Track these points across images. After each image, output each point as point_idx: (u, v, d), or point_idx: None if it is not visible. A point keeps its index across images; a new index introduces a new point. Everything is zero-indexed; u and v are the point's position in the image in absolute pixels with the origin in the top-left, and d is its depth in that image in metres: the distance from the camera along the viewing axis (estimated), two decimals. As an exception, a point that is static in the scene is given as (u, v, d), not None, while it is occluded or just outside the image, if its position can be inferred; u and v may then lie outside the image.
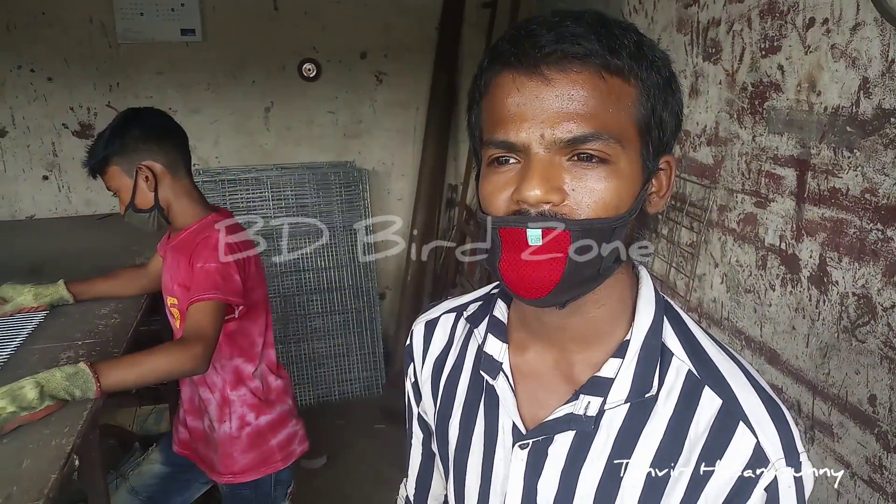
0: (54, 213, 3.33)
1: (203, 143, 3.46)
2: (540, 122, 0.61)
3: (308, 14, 3.39)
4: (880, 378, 1.37)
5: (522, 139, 0.62)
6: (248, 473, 1.81)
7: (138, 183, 1.70)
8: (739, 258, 1.79)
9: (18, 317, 1.86)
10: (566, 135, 0.60)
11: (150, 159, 1.70)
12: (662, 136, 0.66)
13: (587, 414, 0.70)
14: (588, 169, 0.62)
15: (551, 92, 0.61)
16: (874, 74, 1.33)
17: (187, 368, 1.50)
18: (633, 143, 0.63)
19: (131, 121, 1.72)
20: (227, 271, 1.63)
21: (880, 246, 1.34)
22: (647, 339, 0.70)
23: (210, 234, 1.67)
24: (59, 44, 3.13)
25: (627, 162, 0.63)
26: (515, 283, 0.64)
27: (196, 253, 1.65)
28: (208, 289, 1.58)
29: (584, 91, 0.60)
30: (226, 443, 1.79)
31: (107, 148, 1.68)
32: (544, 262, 0.62)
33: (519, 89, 0.62)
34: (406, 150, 3.76)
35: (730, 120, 1.80)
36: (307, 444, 1.96)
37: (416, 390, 0.93)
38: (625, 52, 0.61)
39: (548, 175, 0.61)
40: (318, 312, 3.58)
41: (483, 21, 3.55)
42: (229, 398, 1.79)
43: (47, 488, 1.16)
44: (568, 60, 0.60)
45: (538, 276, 0.63)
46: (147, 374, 1.47)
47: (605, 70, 0.61)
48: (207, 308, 1.57)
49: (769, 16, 1.62)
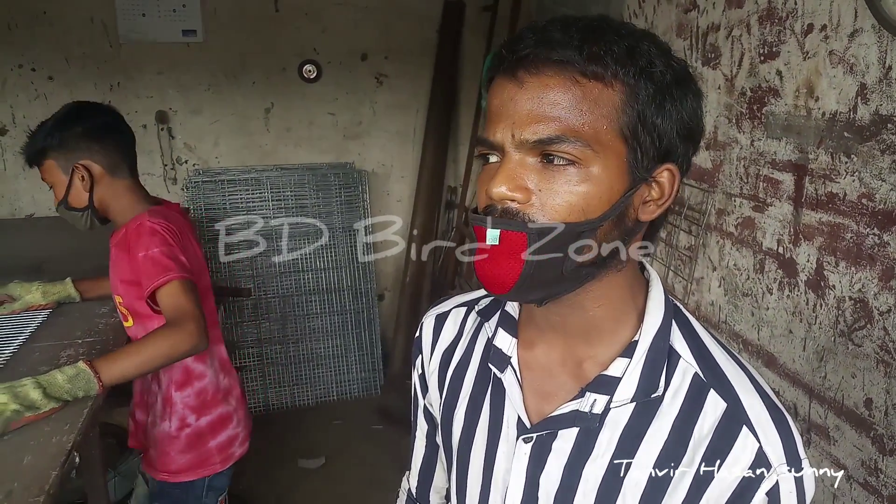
0: (54, 213, 3.32)
1: (203, 144, 3.47)
2: (512, 122, 0.63)
3: (309, 16, 3.41)
4: (876, 381, 1.38)
5: (498, 139, 0.64)
6: (183, 474, 1.76)
7: (73, 181, 1.64)
8: (737, 262, 1.81)
9: (23, 315, 1.88)
10: (532, 136, 0.62)
11: (88, 159, 1.63)
12: (659, 143, 0.65)
13: (593, 411, 0.71)
14: (556, 171, 0.63)
15: (524, 94, 0.63)
16: (872, 81, 1.34)
17: (186, 348, 1.48)
18: (611, 149, 0.63)
19: (75, 116, 1.65)
20: (172, 252, 1.56)
21: (877, 251, 1.35)
22: (655, 340, 0.71)
23: (142, 222, 1.60)
24: (60, 43, 3.14)
25: (602, 167, 0.63)
26: (481, 276, 0.67)
27: (133, 243, 1.59)
28: (162, 272, 1.53)
29: (553, 94, 0.62)
30: (164, 441, 1.75)
31: (45, 140, 1.62)
32: (503, 261, 0.64)
33: (500, 91, 0.65)
34: (406, 152, 3.77)
35: (728, 124, 1.81)
36: (247, 446, 1.89)
37: (422, 382, 0.93)
38: (610, 57, 0.62)
39: (514, 174, 0.63)
40: (317, 313, 3.59)
41: (483, 24, 3.56)
42: (172, 398, 1.74)
43: (48, 485, 1.17)
44: (542, 64, 0.62)
45: (498, 274, 0.65)
46: (147, 361, 1.46)
47: (580, 75, 0.62)
48: (174, 288, 1.52)
49: (768, 22, 1.63)
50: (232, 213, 3.40)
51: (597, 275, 0.68)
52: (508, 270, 0.64)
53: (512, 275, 0.64)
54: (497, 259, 0.65)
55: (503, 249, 0.64)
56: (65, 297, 1.96)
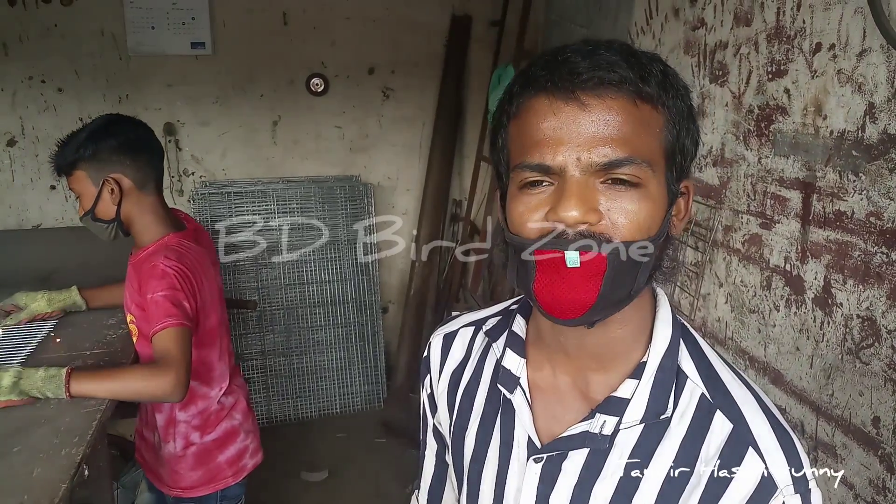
0: (60, 223, 3.35)
1: (210, 156, 3.48)
2: (576, 145, 0.62)
3: (317, 29, 3.43)
4: (884, 400, 1.38)
5: (559, 162, 0.63)
6: (196, 489, 1.78)
7: (102, 194, 1.65)
8: (744, 278, 1.81)
9: (29, 327, 1.88)
10: (602, 159, 0.62)
11: (119, 172, 1.65)
12: (684, 162, 0.68)
13: (602, 433, 0.71)
14: (621, 192, 0.63)
15: (587, 117, 0.62)
16: (880, 100, 1.35)
17: (158, 394, 1.48)
18: (660, 168, 0.65)
19: (109, 129, 1.67)
20: (176, 298, 1.57)
21: (885, 269, 1.36)
22: (663, 360, 0.72)
23: (156, 264, 1.60)
24: (70, 55, 3.17)
25: (656, 185, 0.65)
26: (550, 304, 0.66)
27: (144, 282, 1.60)
28: (162, 317, 1.54)
29: (618, 117, 0.62)
30: (172, 461, 1.76)
31: (78, 152, 1.62)
32: (580, 284, 0.63)
33: (555, 113, 0.63)
34: (412, 165, 3.79)
35: (736, 141, 1.82)
36: (260, 456, 1.91)
37: (431, 401, 0.93)
38: (654, 80, 0.64)
39: (584, 196, 0.62)
40: (321, 325, 3.59)
41: (490, 39, 3.58)
42: (176, 418, 1.75)
43: (58, 497, 1.18)
44: (604, 87, 0.62)
45: (574, 298, 0.64)
46: (117, 392, 1.50)
47: (637, 97, 0.63)
48: (169, 335, 1.53)
49: (776, 40, 1.64)
50: (239, 225, 3.41)
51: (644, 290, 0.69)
52: (586, 293, 0.64)
53: (590, 297, 0.64)
54: (574, 282, 0.64)
55: (582, 272, 0.63)
56: (70, 304, 1.97)
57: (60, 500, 1.17)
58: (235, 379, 1.91)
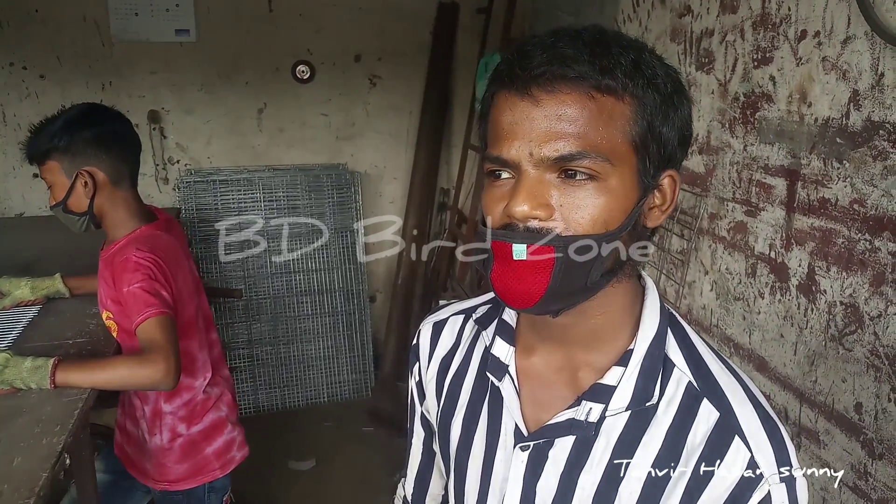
0: (44, 212, 3.32)
1: (195, 143, 3.45)
2: (529, 140, 0.63)
3: (303, 16, 3.40)
4: (866, 386, 1.39)
5: (513, 156, 0.64)
6: (183, 482, 1.76)
7: (76, 186, 1.60)
8: (729, 266, 1.81)
9: (11, 313, 1.86)
10: (553, 153, 0.62)
11: (94, 165, 1.60)
12: (663, 151, 0.67)
13: (588, 420, 0.71)
14: (576, 186, 0.63)
15: (540, 112, 0.63)
16: (864, 87, 1.35)
17: (147, 383, 1.46)
18: (626, 161, 0.64)
19: (86, 120, 1.61)
20: (153, 287, 1.54)
21: (868, 256, 1.36)
22: (650, 349, 0.71)
23: (128, 256, 1.56)
24: (52, 42, 3.12)
25: (619, 179, 0.64)
26: (503, 293, 0.67)
27: (118, 276, 1.57)
28: (143, 308, 1.51)
29: (571, 111, 0.62)
30: (158, 454, 1.74)
31: (52, 141, 1.57)
32: (528, 277, 0.64)
33: (511, 109, 0.64)
34: (399, 154, 3.77)
35: (721, 129, 1.82)
36: (247, 449, 1.89)
37: (419, 389, 0.93)
38: (619, 70, 0.62)
39: (535, 192, 0.63)
40: (308, 314, 3.58)
41: (477, 26, 3.56)
42: (161, 410, 1.72)
43: (38, 486, 1.16)
44: (557, 81, 0.62)
45: (522, 289, 0.65)
46: (105, 382, 1.47)
47: (595, 90, 0.62)
48: (152, 325, 1.50)
49: (762, 27, 1.64)
50: (224, 213, 3.39)
51: (610, 283, 0.69)
52: (534, 285, 0.64)
53: (538, 289, 0.64)
54: (522, 274, 0.65)
55: (530, 264, 0.64)
56: (54, 292, 1.95)
57: (41, 489, 1.16)
58: (221, 371, 1.89)
